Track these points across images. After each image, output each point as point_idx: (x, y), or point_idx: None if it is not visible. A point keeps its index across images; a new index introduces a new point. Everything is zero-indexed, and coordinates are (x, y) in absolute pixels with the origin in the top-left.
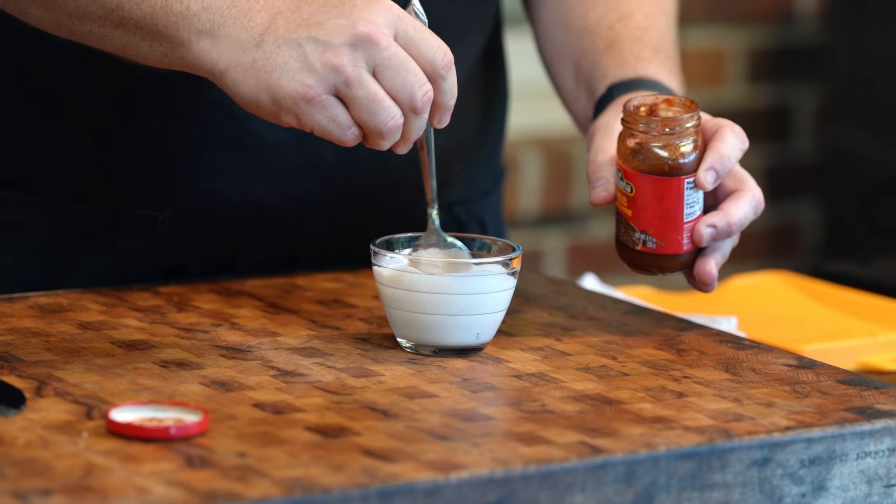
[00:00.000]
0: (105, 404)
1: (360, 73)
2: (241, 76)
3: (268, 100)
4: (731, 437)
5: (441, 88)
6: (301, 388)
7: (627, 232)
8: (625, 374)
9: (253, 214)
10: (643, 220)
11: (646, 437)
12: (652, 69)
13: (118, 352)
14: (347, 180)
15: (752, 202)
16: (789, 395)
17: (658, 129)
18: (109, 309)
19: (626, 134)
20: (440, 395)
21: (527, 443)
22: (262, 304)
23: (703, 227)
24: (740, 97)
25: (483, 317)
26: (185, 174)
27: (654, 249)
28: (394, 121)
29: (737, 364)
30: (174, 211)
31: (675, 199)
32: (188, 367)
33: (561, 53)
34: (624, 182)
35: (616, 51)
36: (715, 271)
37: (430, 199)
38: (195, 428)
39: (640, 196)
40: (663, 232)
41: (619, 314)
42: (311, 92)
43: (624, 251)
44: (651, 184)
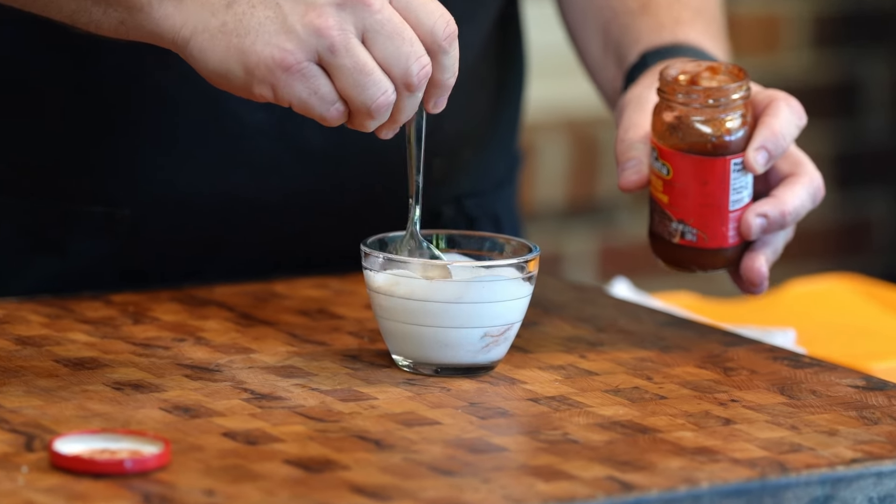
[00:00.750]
0: (48, 433)
1: (348, 37)
2: (208, 42)
3: (239, 68)
4: (787, 472)
5: (441, 64)
6: (279, 414)
7: (663, 222)
8: (662, 397)
9: (227, 210)
10: (682, 208)
11: (686, 472)
12: (693, 33)
13: (63, 371)
14: (338, 168)
15: (810, 188)
16: (856, 422)
17: (700, 101)
18: (53, 321)
19: (664, 106)
20: (443, 422)
21: (545, 478)
22: (234, 314)
23: (753, 217)
24: (800, 68)
25: (494, 329)
26: (147, 164)
27: (693, 242)
28: (384, 96)
29: (794, 385)
30: (134, 207)
31: (719, 182)
32: (146, 390)
33: (586, 16)
34: (660, 163)
35: (651, 12)
36: (766, 269)
37: (412, 198)
38: (154, 461)
39: (679, 179)
40: (705, 221)
41: (655, 326)
42: (289, 58)
43: (658, 244)
44: (692, 164)
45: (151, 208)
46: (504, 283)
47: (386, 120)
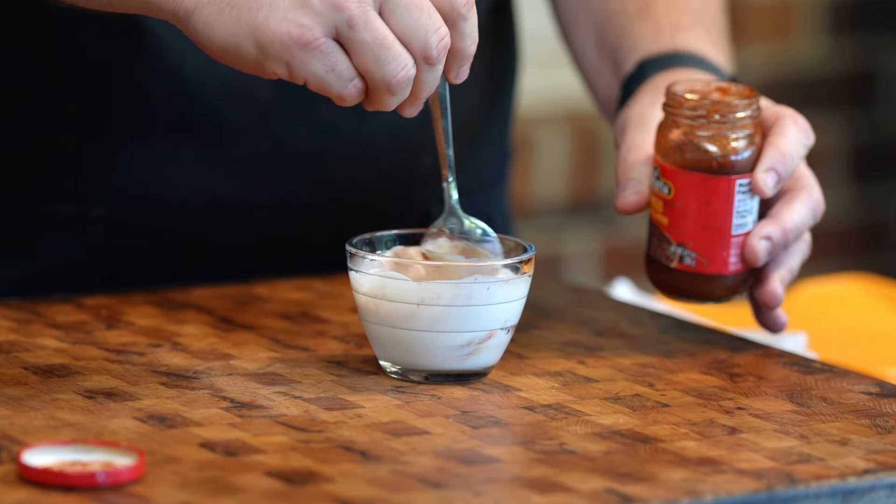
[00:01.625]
0: (16, 444)
1: (367, 11)
2: (215, 16)
3: (251, 45)
4: (796, 483)
5: (461, 31)
6: (260, 423)
7: (661, 245)
8: (664, 404)
9: (207, 210)
10: (682, 230)
11: (689, 484)
12: (693, 40)
13: (32, 379)
14: (324, 166)
15: (810, 203)
16: (869, 431)
17: (707, 118)
18: (21, 326)
19: (669, 123)
20: (433, 431)
21: (540, 490)
22: (212, 318)
23: (757, 241)
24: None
25: (486, 334)
26: (122, 162)
27: (692, 267)
28: (405, 71)
29: (804, 392)
30: (108, 207)
31: (722, 203)
32: (119, 398)
33: (579, 13)
34: (661, 182)
35: (650, 15)
36: (781, 291)
37: (445, 172)
38: (128, 473)
39: (680, 199)
40: (705, 245)
41: (658, 330)
42: (307, 34)
43: (655, 270)
44: (694, 183)
45: (127, 208)
46: (498, 284)
47: (406, 96)
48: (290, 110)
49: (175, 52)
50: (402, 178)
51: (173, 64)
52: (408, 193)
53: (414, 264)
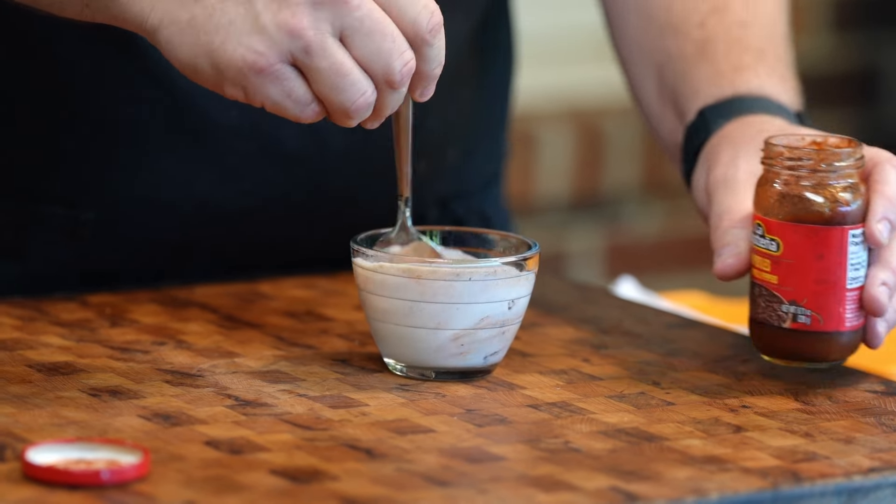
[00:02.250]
0: (21, 442)
1: (324, 38)
2: (176, 36)
3: (208, 67)
4: (801, 482)
5: (425, 56)
6: (265, 421)
7: (770, 306)
8: (669, 403)
9: (197, 214)
10: (794, 287)
11: (694, 482)
12: (756, 80)
13: (37, 377)
14: (315, 170)
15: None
16: (874, 429)
17: (813, 167)
18: (26, 324)
19: (771, 177)
20: (438, 429)
21: (545, 489)
22: (217, 316)
23: (876, 289)
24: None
25: (492, 331)
26: (112, 164)
27: (807, 326)
28: (363, 98)
29: (809, 390)
30: (99, 210)
31: (836, 255)
32: (124, 396)
33: (639, 55)
34: (767, 239)
35: (709, 58)
36: (882, 339)
37: (402, 190)
38: (132, 471)
39: (790, 254)
40: (820, 301)
41: (663, 328)
42: (261, 61)
43: (764, 333)
44: (805, 236)
45: (117, 211)
46: (503, 282)
47: (367, 117)
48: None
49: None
50: (394, 182)
51: (161, 67)
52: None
53: (417, 261)
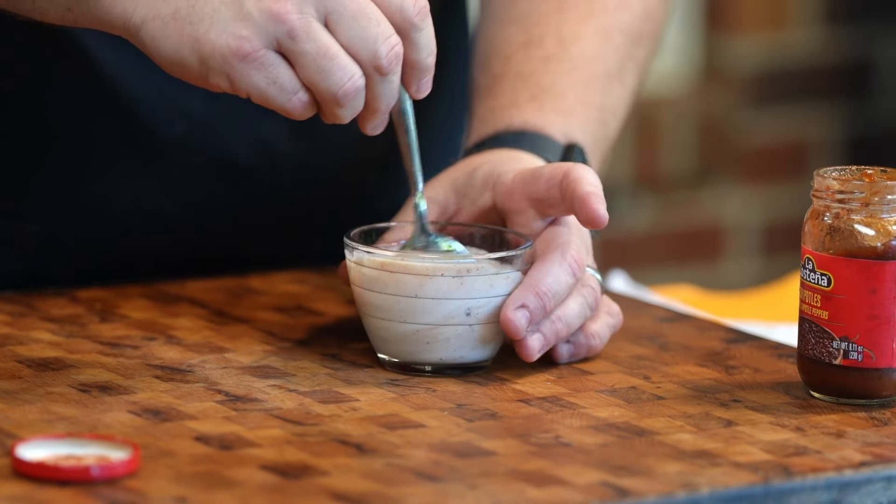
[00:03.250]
0: (10, 438)
1: (308, 21)
2: (160, 30)
3: (194, 58)
4: (792, 476)
5: (414, 42)
6: (255, 417)
7: (821, 342)
8: (660, 397)
9: (146, 226)
10: (846, 323)
11: (685, 476)
12: (520, 115)
13: (27, 373)
14: (265, 183)
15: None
16: (865, 423)
17: (865, 201)
18: (15, 319)
19: (821, 210)
20: (428, 424)
21: (536, 483)
22: (207, 311)
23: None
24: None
25: (494, 325)
26: (57, 177)
27: (859, 363)
28: (351, 81)
29: (800, 384)
30: (44, 222)
31: (890, 290)
32: (114, 392)
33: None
34: (818, 274)
35: (493, 94)
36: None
37: (413, 191)
38: (123, 467)
39: (842, 289)
40: (873, 337)
41: (654, 322)
42: (245, 46)
43: (814, 370)
44: (858, 271)
45: (63, 224)
46: (502, 276)
47: (360, 108)
48: (227, 125)
49: (108, 66)
50: (347, 195)
51: (107, 78)
52: (353, 208)
53: (411, 257)
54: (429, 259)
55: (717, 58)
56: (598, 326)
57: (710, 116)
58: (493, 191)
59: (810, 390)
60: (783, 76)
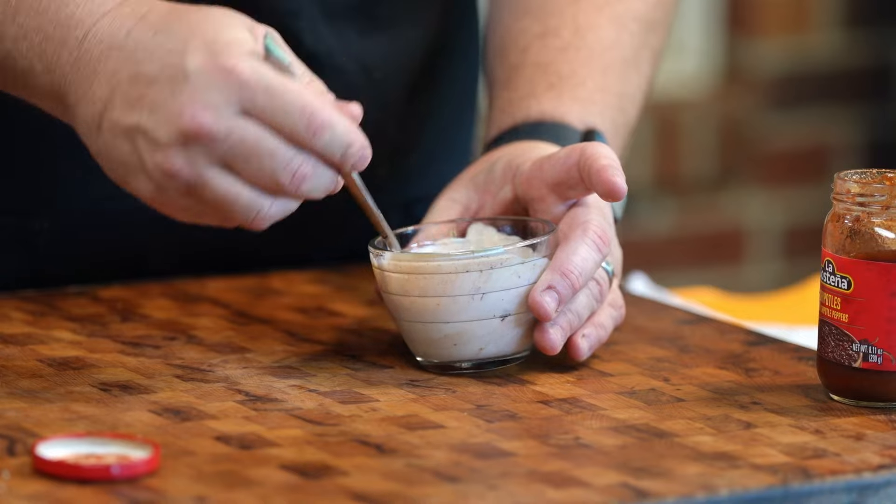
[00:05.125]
0: (31, 437)
1: (200, 173)
2: (97, 157)
3: (127, 187)
4: (811, 478)
5: (322, 149)
6: (275, 416)
7: (840, 345)
8: (679, 399)
9: (148, 223)
10: (865, 325)
11: (704, 478)
12: (538, 105)
13: (48, 372)
14: None
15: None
16: (884, 426)
17: (885, 203)
18: (37, 318)
19: (842, 212)
20: (448, 425)
21: (556, 485)
22: (228, 311)
23: None
24: (833, 50)
25: (526, 315)
26: (63, 176)
27: (878, 365)
28: (262, 212)
29: (820, 387)
30: (52, 220)
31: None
32: (135, 391)
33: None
34: (838, 276)
35: (511, 85)
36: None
37: (387, 238)
38: (143, 466)
39: (862, 292)
40: (893, 340)
41: (674, 324)
42: (160, 197)
43: (833, 373)
44: (878, 274)
45: (70, 221)
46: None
47: (294, 207)
48: None
49: None
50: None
51: None
52: (346, 209)
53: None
54: (454, 257)
55: (739, 60)
56: (603, 317)
57: (731, 119)
58: (513, 182)
59: (830, 393)
60: (804, 79)
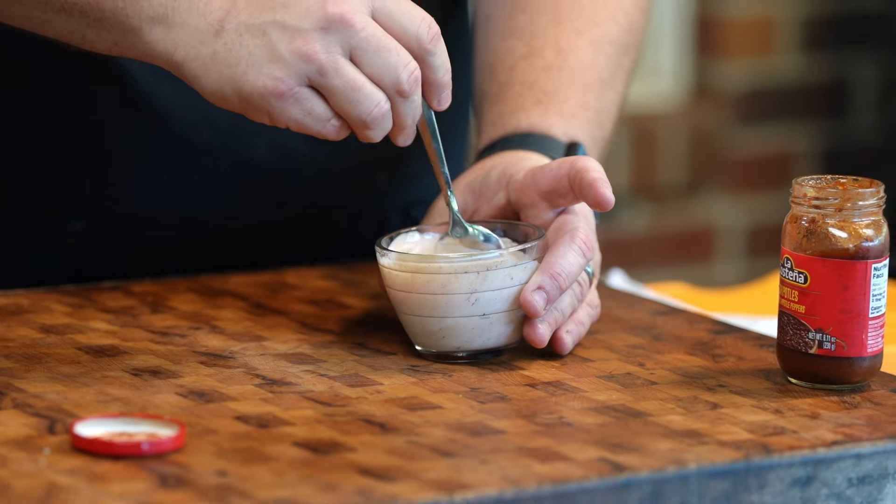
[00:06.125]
0: (69, 417)
1: (335, 59)
2: (201, 70)
3: (234, 96)
4: (771, 453)
5: (430, 64)
6: (289, 398)
7: (798, 333)
8: (653, 382)
9: (176, 224)
10: (820, 316)
11: (675, 453)
12: (526, 119)
13: (85, 358)
14: (283, 186)
15: None
16: (837, 406)
17: (837, 206)
18: (76, 310)
19: (799, 214)
20: (445, 406)
21: (541, 459)
22: (247, 304)
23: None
24: (793, 70)
25: (517, 311)
26: (98, 179)
27: (832, 352)
28: (378, 108)
29: (779, 371)
30: (86, 220)
31: (860, 287)
32: (163, 376)
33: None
34: (796, 272)
35: (501, 99)
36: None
37: (444, 190)
38: (170, 443)
39: (817, 286)
40: (845, 329)
41: (648, 315)
42: (281, 86)
43: (792, 358)
44: (831, 270)
45: (102, 222)
46: (517, 267)
47: (389, 128)
48: (249, 133)
49: (145, 84)
50: (358, 195)
51: (143, 93)
52: (363, 207)
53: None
54: (454, 259)
55: (708, 79)
56: (582, 315)
57: (700, 132)
58: (507, 189)
59: (788, 377)
60: (766, 96)
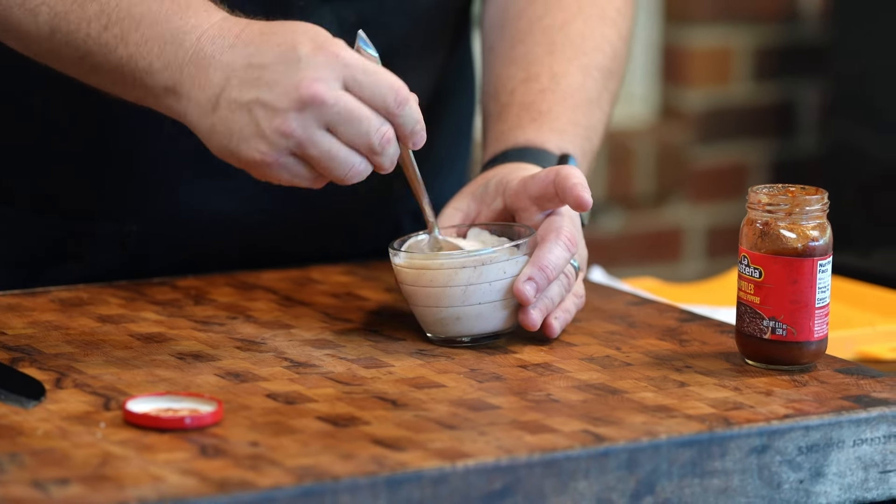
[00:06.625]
0: (122, 395)
1: (310, 133)
2: (206, 136)
3: (234, 161)
4: (731, 426)
5: (400, 123)
6: (313, 378)
7: (754, 321)
8: (628, 364)
9: (216, 226)
10: (773, 306)
11: (648, 426)
12: (523, 135)
13: (136, 344)
14: (308, 193)
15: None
16: (788, 384)
17: (787, 210)
18: (128, 303)
19: (754, 218)
20: (448, 385)
21: (532, 431)
22: (277, 297)
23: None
24: (747, 94)
25: (511, 300)
26: (151, 190)
27: (783, 337)
28: (353, 169)
29: (737, 354)
30: (140, 225)
31: (807, 281)
32: (204, 359)
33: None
34: (751, 268)
35: (503, 119)
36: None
37: (428, 222)
38: (209, 418)
39: (770, 280)
40: (794, 317)
41: (624, 305)
42: (268, 158)
43: (749, 343)
44: (782, 266)
45: (155, 225)
46: (510, 262)
47: (368, 173)
48: None
49: None
50: (376, 200)
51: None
52: (380, 211)
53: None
54: (454, 256)
55: (673, 103)
56: (569, 303)
57: (668, 147)
58: (503, 196)
59: (745, 359)
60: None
